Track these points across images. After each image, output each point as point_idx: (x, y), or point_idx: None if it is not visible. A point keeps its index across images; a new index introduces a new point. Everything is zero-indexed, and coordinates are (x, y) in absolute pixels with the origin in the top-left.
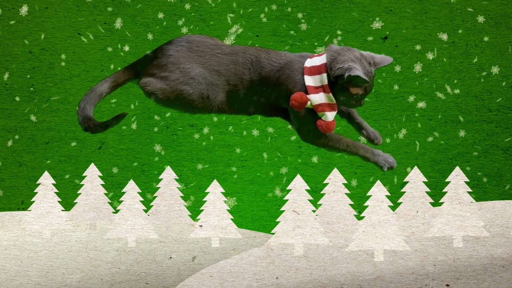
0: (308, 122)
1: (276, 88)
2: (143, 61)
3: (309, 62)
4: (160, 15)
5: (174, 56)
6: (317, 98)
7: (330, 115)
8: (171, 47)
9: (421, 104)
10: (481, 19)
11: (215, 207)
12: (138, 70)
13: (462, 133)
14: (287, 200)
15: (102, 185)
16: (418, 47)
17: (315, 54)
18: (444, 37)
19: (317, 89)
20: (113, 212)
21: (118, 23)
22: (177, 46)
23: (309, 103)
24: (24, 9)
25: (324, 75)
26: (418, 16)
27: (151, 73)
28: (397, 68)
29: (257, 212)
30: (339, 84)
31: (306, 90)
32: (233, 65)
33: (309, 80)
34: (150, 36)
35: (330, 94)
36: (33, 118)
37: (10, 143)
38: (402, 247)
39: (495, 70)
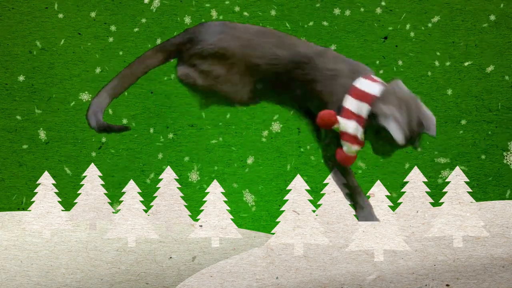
0: (330, 146)
1: (315, 96)
2: (177, 44)
3: (360, 83)
4: (160, 15)
5: (217, 46)
6: (349, 125)
7: (352, 148)
8: (212, 35)
9: None
10: (492, 17)
11: (215, 207)
12: (171, 54)
13: (462, 133)
14: (287, 200)
15: (102, 185)
16: (418, 47)
17: (371, 76)
18: (444, 32)
19: (353, 116)
20: (113, 212)
21: (118, 23)
22: (219, 33)
23: (337, 126)
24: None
25: (367, 106)
26: (418, 16)
27: (191, 63)
28: (397, 68)
29: (257, 212)
30: (373, 123)
31: (340, 110)
32: (279, 59)
33: (350, 103)
34: (150, 37)
35: (362, 129)
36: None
37: (42, 135)
38: (402, 247)
39: (495, 70)
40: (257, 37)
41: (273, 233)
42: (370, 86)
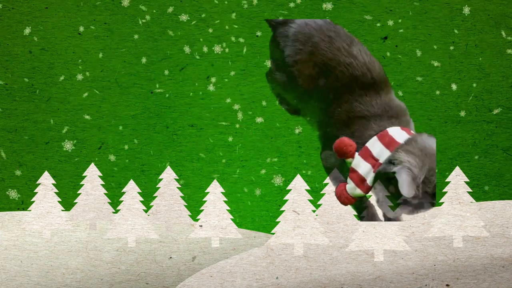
0: (328, 158)
1: (346, 119)
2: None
3: (393, 131)
4: (160, 15)
5: (296, 30)
6: (361, 165)
7: (356, 190)
8: (307, 21)
9: (421, 103)
10: (466, 9)
11: (215, 207)
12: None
13: (462, 133)
14: (287, 200)
15: (102, 185)
16: (418, 47)
17: (408, 129)
18: (444, 32)
19: (370, 159)
20: (113, 212)
21: (119, 23)
22: (311, 22)
23: (350, 160)
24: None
25: (389, 153)
26: (418, 16)
27: (278, 41)
28: (397, 68)
29: (257, 212)
30: (384, 170)
31: (361, 148)
32: (340, 67)
33: (373, 145)
34: (149, 36)
35: (373, 174)
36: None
37: (42, 135)
38: (402, 247)
39: (495, 70)
40: (341, 42)
41: (273, 233)
42: (400, 134)
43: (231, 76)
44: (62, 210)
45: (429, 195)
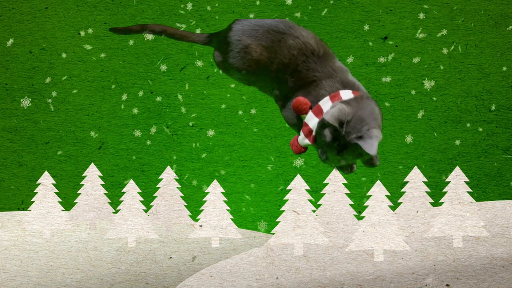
0: (290, 116)
1: (301, 84)
2: (219, 32)
3: (344, 93)
4: (160, 15)
5: (233, 30)
6: (312, 120)
7: (302, 139)
8: (236, 21)
9: (420, 104)
10: (421, 15)
11: (215, 207)
12: (213, 40)
13: (462, 133)
14: (287, 200)
15: (102, 185)
16: (418, 47)
17: (358, 93)
18: (444, 32)
19: (320, 115)
20: (113, 212)
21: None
22: (240, 20)
23: (304, 116)
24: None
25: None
26: (418, 16)
27: (217, 46)
28: (397, 68)
29: (257, 212)
30: (323, 117)
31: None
32: (279, 44)
33: (325, 103)
34: (150, 36)
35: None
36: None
37: (43, 135)
38: (402, 247)
39: (495, 70)
40: (268, 27)
41: (273, 233)
42: (348, 95)
43: None
44: (62, 210)
45: (353, 145)
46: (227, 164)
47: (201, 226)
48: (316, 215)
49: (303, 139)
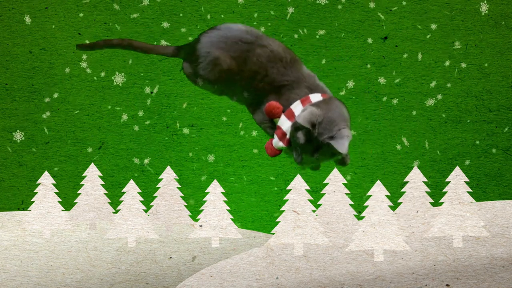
0: (263, 120)
1: (272, 89)
2: (188, 44)
3: (313, 97)
4: (160, 15)
5: (201, 42)
6: (285, 123)
7: (277, 142)
8: (203, 33)
9: (420, 104)
10: (484, 7)
11: (215, 207)
12: (181, 52)
13: (462, 133)
14: (287, 200)
15: (102, 185)
16: (418, 47)
17: (327, 95)
18: (444, 32)
19: (292, 118)
20: (113, 212)
21: (119, 23)
22: (208, 32)
23: (277, 119)
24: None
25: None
26: (418, 16)
27: (186, 57)
28: (397, 68)
29: (257, 212)
30: (296, 121)
31: (287, 110)
32: (247, 54)
33: (296, 107)
34: (150, 36)
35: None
36: (45, 115)
37: (42, 135)
38: (402, 247)
39: (495, 70)
40: (235, 37)
41: (273, 233)
42: (318, 98)
43: None
44: (62, 210)
45: (326, 145)
46: (227, 164)
47: (201, 226)
48: (316, 215)
49: (277, 142)
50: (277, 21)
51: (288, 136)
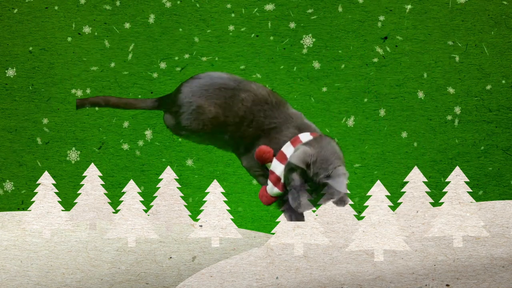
0: (253, 166)
1: (260, 133)
2: (168, 95)
3: (303, 136)
4: (160, 15)
5: (183, 92)
6: (278, 167)
7: (271, 189)
8: (184, 83)
9: (420, 104)
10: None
11: (215, 207)
12: (162, 103)
13: (462, 133)
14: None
15: (102, 185)
16: (418, 47)
17: (316, 134)
18: (444, 32)
19: (285, 161)
20: (113, 212)
21: (119, 23)
22: (188, 81)
23: (269, 164)
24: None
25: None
26: (418, 16)
27: (167, 109)
28: (397, 68)
29: (257, 212)
30: (289, 162)
31: (278, 153)
32: (232, 99)
33: (287, 149)
34: (150, 37)
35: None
36: (45, 120)
37: (42, 135)
38: (402, 247)
39: (495, 70)
40: (218, 84)
41: (273, 233)
42: (308, 137)
43: None
44: (62, 210)
45: (323, 185)
46: (227, 164)
47: (201, 226)
48: (316, 215)
49: (272, 188)
50: (278, 21)
51: (282, 180)
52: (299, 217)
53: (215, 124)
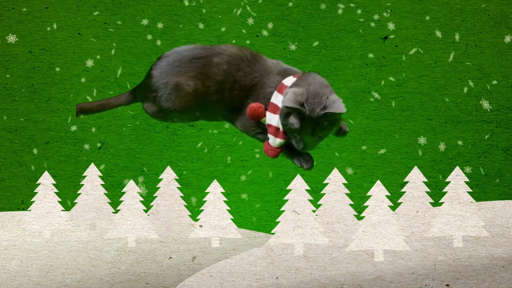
0: (248, 127)
1: (246, 92)
2: (141, 84)
3: (287, 81)
4: (160, 15)
5: (154, 75)
6: (273, 118)
7: (273, 141)
8: (152, 67)
9: (420, 104)
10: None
11: (215, 207)
12: (137, 94)
13: (462, 133)
14: (287, 200)
15: (102, 185)
16: (418, 47)
17: (298, 75)
18: (444, 32)
19: (278, 111)
20: (113, 212)
21: (119, 23)
22: (157, 64)
23: (264, 119)
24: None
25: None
26: (418, 16)
27: (144, 97)
28: (397, 68)
29: (257, 212)
30: (283, 108)
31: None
32: (207, 67)
33: (276, 98)
34: (150, 36)
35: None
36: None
37: (42, 134)
38: (402, 247)
39: (495, 70)
40: (187, 57)
41: (273, 233)
42: (291, 80)
43: None
44: (62, 210)
45: (322, 118)
46: (227, 164)
47: (201, 226)
48: (316, 215)
49: (274, 140)
50: (278, 21)
51: (281, 128)
52: (308, 159)
53: (198, 97)
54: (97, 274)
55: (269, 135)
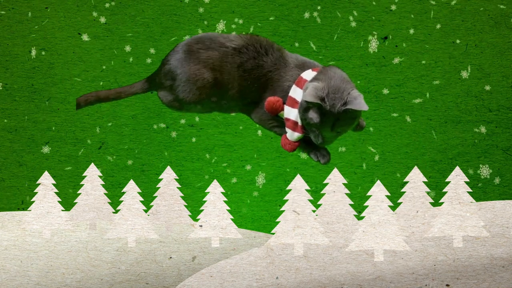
0: (265, 120)
1: (262, 84)
2: (157, 72)
3: (306, 74)
4: (160, 15)
5: (170, 63)
6: (291, 112)
7: (291, 135)
8: (170, 53)
9: (420, 104)
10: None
11: (215, 207)
12: (152, 82)
13: (462, 133)
14: (287, 200)
15: (102, 185)
16: (418, 47)
17: (318, 69)
18: (444, 31)
19: (296, 105)
20: (113, 212)
21: (119, 23)
22: (175, 51)
23: (282, 113)
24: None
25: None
26: (418, 16)
27: (160, 86)
28: (397, 68)
29: (257, 212)
30: (302, 103)
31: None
32: (224, 58)
33: (295, 92)
34: (150, 36)
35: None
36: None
37: (42, 134)
38: (402, 247)
39: (495, 70)
40: (209, 45)
41: (273, 233)
42: (311, 74)
43: None
44: (62, 210)
45: (342, 114)
46: (227, 164)
47: (201, 226)
48: (316, 215)
49: (292, 134)
50: (278, 21)
51: (300, 122)
52: (325, 153)
53: (214, 88)
54: (97, 274)
55: (287, 129)
